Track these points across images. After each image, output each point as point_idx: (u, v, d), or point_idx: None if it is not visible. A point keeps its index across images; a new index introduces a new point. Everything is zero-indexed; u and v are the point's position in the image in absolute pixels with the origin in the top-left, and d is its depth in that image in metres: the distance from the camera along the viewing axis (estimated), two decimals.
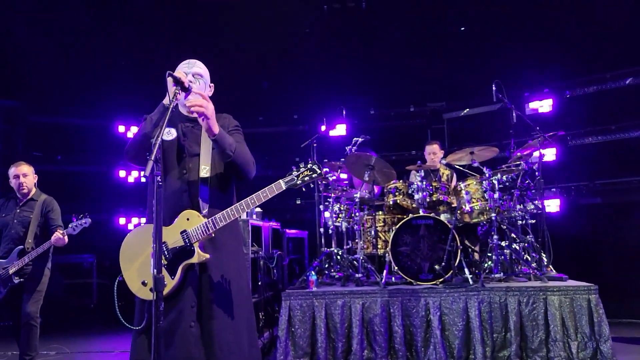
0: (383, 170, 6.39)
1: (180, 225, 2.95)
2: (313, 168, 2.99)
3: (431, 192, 6.20)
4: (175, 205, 2.97)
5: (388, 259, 5.91)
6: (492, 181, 5.86)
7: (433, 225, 5.80)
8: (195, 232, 2.92)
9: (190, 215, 2.96)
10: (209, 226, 2.92)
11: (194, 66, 3.15)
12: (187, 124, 3.15)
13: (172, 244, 2.93)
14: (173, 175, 3.03)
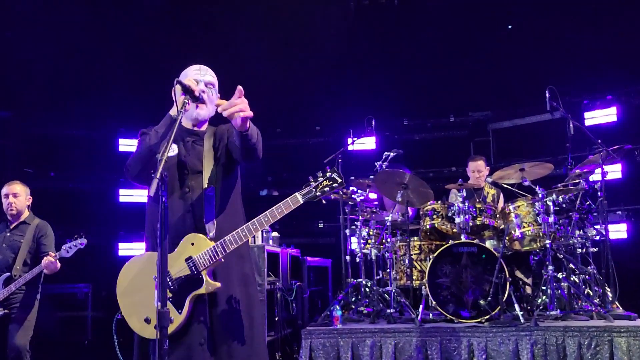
0: (418, 190, 6.35)
1: (185, 252, 2.94)
2: (333, 177, 2.95)
3: (475, 214, 6.14)
4: (177, 228, 2.98)
5: (425, 292, 5.85)
6: (547, 202, 5.79)
7: (477, 253, 5.73)
8: (203, 259, 2.92)
9: (196, 240, 2.95)
10: (217, 250, 2.92)
11: (206, 74, 3.18)
12: (189, 138, 3.19)
13: (176, 273, 2.91)
14: (174, 195, 3.05)
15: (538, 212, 5.84)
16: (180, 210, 3.02)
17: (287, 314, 6.68)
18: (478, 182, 6.99)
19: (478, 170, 7.08)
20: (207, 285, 2.91)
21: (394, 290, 6.12)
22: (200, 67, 3.20)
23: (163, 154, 2.54)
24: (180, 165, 3.11)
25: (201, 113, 3.15)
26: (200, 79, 3.12)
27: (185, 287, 2.91)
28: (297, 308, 6.91)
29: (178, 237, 2.96)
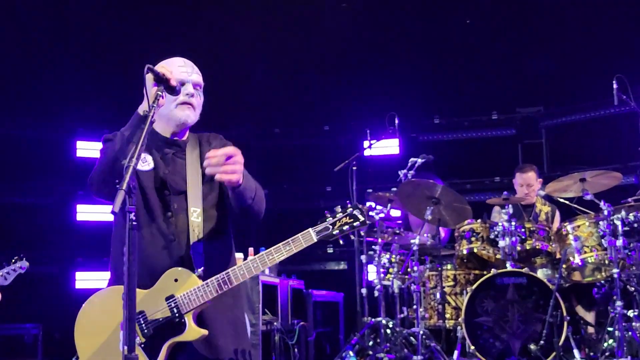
0: (453, 205, 6.36)
1: (166, 289, 2.96)
2: (354, 214, 3.02)
3: (524, 237, 6.14)
4: (157, 260, 3.01)
5: (461, 334, 5.84)
6: (614, 221, 5.77)
7: (527, 285, 5.73)
8: (188, 299, 2.93)
9: (180, 276, 2.97)
10: (207, 291, 2.93)
11: (193, 72, 3.19)
12: (168, 150, 3.21)
13: (153, 314, 2.93)
14: (152, 219, 3.07)
15: (603, 234, 5.83)
16: (160, 238, 3.05)
17: None
18: (525, 198, 6.99)
19: (528, 185, 7.06)
20: (190, 331, 2.93)
21: (422, 332, 6.10)
22: (185, 63, 3.20)
23: (130, 159, 2.55)
24: (159, 183, 3.13)
25: (191, 118, 3.16)
26: (187, 79, 3.14)
27: (163, 332, 2.92)
28: (300, 354, 6.91)
29: (157, 270, 2.99)
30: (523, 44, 9.55)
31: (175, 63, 3.17)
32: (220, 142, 3.31)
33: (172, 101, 3.08)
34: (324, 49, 9.89)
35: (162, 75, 2.87)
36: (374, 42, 10.08)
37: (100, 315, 3.01)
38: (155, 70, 2.85)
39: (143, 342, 2.90)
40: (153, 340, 2.91)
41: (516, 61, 9.59)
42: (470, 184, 9.87)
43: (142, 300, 2.90)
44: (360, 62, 10.10)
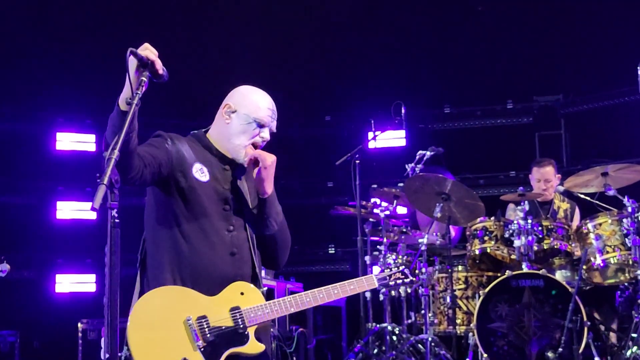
0: (464, 202, 6.37)
1: (231, 300, 3.24)
2: (405, 272, 3.58)
3: (541, 236, 6.15)
4: (224, 272, 3.28)
5: (473, 341, 5.86)
6: (639, 219, 5.80)
7: (544, 288, 5.74)
8: (255, 313, 3.23)
9: (247, 290, 3.28)
10: (274, 309, 3.26)
11: (274, 119, 3.46)
12: (226, 167, 3.45)
13: (216, 321, 3.18)
14: (214, 230, 3.32)
15: (627, 233, 5.85)
16: (223, 249, 3.31)
17: None
18: (545, 194, 6.99)
19: (546, 180, 7.05)
20: (252, 345, 3.21)
21: (431, 339, 6.13)
22: (273, 105, 3.45)
23: (112, 151, 2.57)
24: (219, 196, 3.37)
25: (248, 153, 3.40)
26: (268, 125, 3.42)
27: (225, 340, 3.18)
28: None
29: (222, 281, 3.27)
30: (540, 27, 9.56)
31: (266, 102, 3.43)
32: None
33: (246, 135, 3.37)
34: (325, 33, 9.89)
35: (146, 59, 2.88)
36: (380, 25, 10.08)
37: (161, 310, 3.18)
38: (138, 54, 2.86)
39: (204, 345, 3.12)
40: (213, 347, 3.13)
41: (533, 46, 9.60)
42: (484, 179, 9.89)
43: (205, 306, 3.18)
44: (365, 47, 10.10)
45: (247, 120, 3.35)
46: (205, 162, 3.37)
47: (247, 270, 3.35)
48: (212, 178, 3.35)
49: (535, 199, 6.86)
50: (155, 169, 3.14)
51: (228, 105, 3.41)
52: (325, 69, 10.24)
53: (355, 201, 6.86)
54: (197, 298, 3.16)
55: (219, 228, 3.31)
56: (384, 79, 9.84)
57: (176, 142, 3.31)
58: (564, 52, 9.39)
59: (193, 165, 3.29)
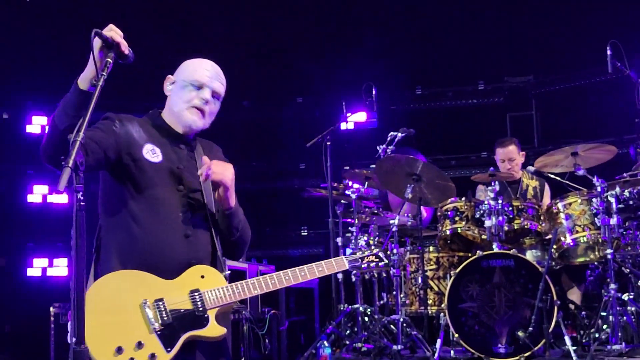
0: (435, 183, 6.37)
1: (190, 283, 3.17)
2: (379, 255, 3.53)
3: (511, 216, 6.17)
4: (177, 254, 3.19)
5: (444, 321, 5.87)
6: (608, 198, 5.82)
7: (515, 268, 5.76)
8: (215, 296, 3.16)
9: (207, 273, 3.21)
10: (236, 292, 3.19)
11: (217, 79, 3.38)
12: (182, 146, 3.38)
13: (173, 304, 3.11)
14: (171, 213, 3.23)
15: (596, 212, 5.88)
16: (178, 233, 3.22)
17: (257, 354, 6.69)
18: (510, 174, 7.01)
19: (510, 159, 7.09)
20: (212, 328, 3.14)
21: (403, 320, 6.14)
22: (212, 67, 3.38)
23: (77, 134, 2.53)
24: (173, 177, 3.28)
25: (197, 124, 3.33)
26: (207, 84, 3.32)
27: (183, 323, 3.10)
28: (271, 345, 6.92)
29: (176, 264, 3.18)
30: (511, 8, 9.55)
31: (202, 65, 3.37)
32: (216, 151, 3.54)
33: (184, 101, 3.28)
34: (296, 14, 9.83)
35: (111, 40, 2.84)
36: (351, 6, 10.03)
37: (118, 293, 3.10)
38: (103, 35, 2.83)
39: (160, 328, 3.04)
40: (171, 329, 3.06)
41: (504, 27, 9.59)
42: (455, 160, 9.92)
43: (162, 289, 3.11)
44: (336, 28, 10.05)
45: (184, 85, 3.29)
46: (157, 142, 3.30)
47: (204, 253, 3.27)
48: (165, 158, 3.27)
49: (505, 179, 6.88)
50: (100, 155, 3.06)
51: (169, 78, 3.37)
52: (296, 50, 10.18)
53: (327, 183, 6.85)
54: (155, 281, 3.08)
55: (171, 210, 3.22)
56: (355, 60, 9.81)
57: (126, 123, 3.24)
58: (534, 33, 9.39)
59: (144, 147, 3.21)
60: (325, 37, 10.12)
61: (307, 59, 10.10)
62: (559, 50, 9.48)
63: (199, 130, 3.38)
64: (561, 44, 9.37)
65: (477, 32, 9.69)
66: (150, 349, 2.96)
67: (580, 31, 9.01)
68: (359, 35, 9.98)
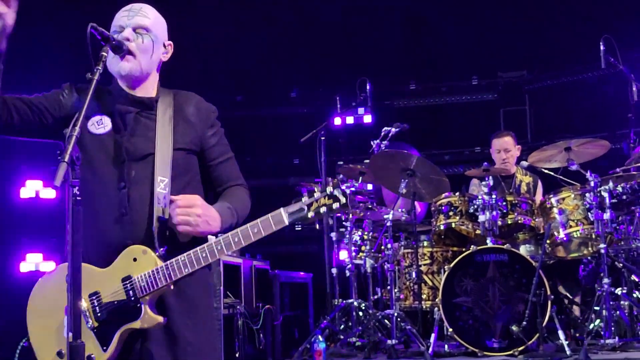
0: (429, 178, 6.37)
1: (123, 269, 2.87)
2: (334, 195, 2.87)
3: (505, 210, 6.17)
4: (112, 237, 2.92)
5: (438, 315, 5.88)
6: (601, 193, 5.82)
7: (508, 262, 5.76)
8: (146, 282, 2.83)
9: (139, 254, 2.87)
10: (166, 273, 2.83)
11: (137, 14, 3.04)
12: (133, 109, 3.06)
13: (107, 296, 2.86)
14: (105, 190, 2.96)
15: (590, 207, 5.88)
16: (115, 211, 2.92)
17: (252, 349, 6.69)
18: (506, 165, 7.02)
19: (505, 149, 7.08)
20: (145, 318, 2.84)
21: (397, 315, 6.14)
22: (131, 7, 3.06)
23: (73, 128, 2.49)
24: (115, 147, 2.99)
25: (125, 67, 2.98)
26: (125, 24, 3.00)
27: (117, 317, 2.85)
28: (265, 340, 6.93)
29: (112, 248, 2.91)
30: (505, 3, 9.55)
31: (121, 10, 3.05)
32: (196, 106, 3.20)
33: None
34: (290, 9, 9.81)
35: (105, 33, 2.82)
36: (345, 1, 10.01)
37: (54, 294, 2.91)
38: (98, 29, 2.80)
39: (95, 326, 2.84)
40: (107, 325, 2.84)
41: (498, 22, 9.59)
42: (449, 155, 9.92)
43: (98, 280, 2.86)
44: (330, 23, 10.03)
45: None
46: (108, 111, 3.02)
47: (143, 231, 2.89)
48: (113, 128, 3.00)
49: (499, 174, 6.89)
50: (31, 117, 2.93)
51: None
52: (290, 45, 10.16)
53: (321, 178, 6.84)
54: (90, 273, 2.79)
55: (108, 187, 2.92)
56: (349, 55, 9.80)
57: (78, 93, 3.02)
58: (528, 28, 9.39)
59: (90, 119, 2.96)
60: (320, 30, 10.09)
61: (300, 54, 10.09)
62: (552, 45, 9.48)
63: (140, 75, 3.03)
64: (555, 39, 9.36)
65: (471, 27, 9.69)
66: (88, 350, 2.61)
67: (573, 26, 9.01)
68: (353, 28, 9.97)
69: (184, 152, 3.03)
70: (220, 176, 3.17)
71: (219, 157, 3.15)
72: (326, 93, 9.84)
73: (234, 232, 2.87)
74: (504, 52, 9.95)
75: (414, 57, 10.14)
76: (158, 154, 2.96)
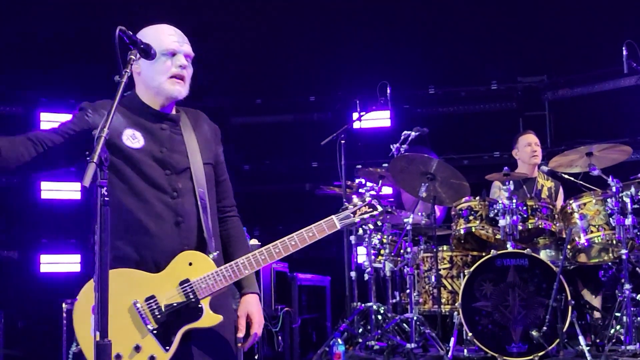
0: (449, 182, 6.37)
1: (179, 273, 3.05)
2: (372, 204, 3.27)
3: (525, 215, 6.16)
4: (164, 243, 3.08)
5: (458, 320, 5.87)
6: (623, 199, 5.81)
7: (529, 267, 5.76)
8: (206, 284, 3.03)
9: (195, 259, 3.07)
10: (226, 275, 3.05)
11: (185, 41, 3.20)
12: (163, 125, 3.21)
13: (166, 299, 3.01)
14: (155, 200, 3.11)
15: (611, 212, 5.86)
16: (166, 220, 3.09)
17: (271, 351, 6.69)
18: (534, 160, 7.02)
19: (535, 143, 7.11)
20: (207, 318, 3.03)
21: (416, 318, 6.14)
22: (175, 32, 3.20)
23: (102, 130, 2.55)
24: (157, 161, 3.14)
25: (182, 93, 3.18)
26: (178, 50, 3.15)
27: (178, 318, 3.01)
28: (284, 342, 6.93)
29: (165, 254, 3.06)
30: (525, 6, 9.52)
31: (164, 31, 3.18)
32: (208, 124, 3.38)
33: (161, 73, 3.10)
34: (309, 11, 9.82)
35: (135, 37, 2.85)
36: (365, 5, 10.02)
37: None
38: (127, 32, 2.83)
39: (155, 327, 2.97)
40: (166, 327, 2.99)
41: (518, 26, 9.56)
42: (468, 159, 9.89)
43: (151, 285, 3.01)
44: (350, 26, 10.04)
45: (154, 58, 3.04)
46: (138, 125, 3.15)
47: (194, 238, 3.11)
48: (147, 142, 3.13)
49: (520, 178, 6.87)
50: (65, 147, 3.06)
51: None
52: (310, 48, 10.17)
53: (341, 181, 6.84)
54: (143, 278, 2.99)
55: (161, 196, 3.10)
56: (369, 59, 9.80)
57: (101, 110, 3.09)
58: (548, 32, 9.36)
59: (123, 133, 3.08)
60: (340, 34, 10.10)
61: (320, 58, 10.11)
62: (573, 50, 9.44)
63: (181, 99, 3.23)
64: (575, 43, 9.32)
65: (490, 30, 9.66)
66: (149, 351, 2.90)
67: (595, 31, 8.97)
68: (373, 32, 9.97)
69: (209, 166, 3.26)
70: (222, 193, 3.37)
71: (222, 175, 3.38)
72: (345, 96, 9.85)
73: (290, 236, 3.14)
74: (524, 56, 9.92)
75: (432, 61, 10.12)
76: (193, 168, 3.17)
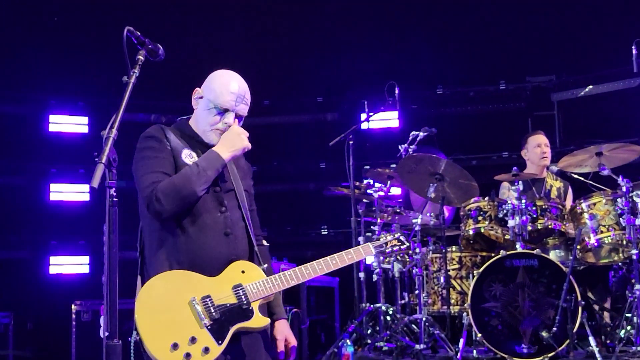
0: (458, 182, 6.35)
1: (232, 278, 3.39)
2: (400, 238, 3.77)
3: (535, 215, 6.14)
4: (219, 251, 3.40)
5: (467, 321, 5.86)
6: (633, 198, 5.79)
7: (538, 268, 5.73)
8: (257, 289, 3.37)
9: (247, 268, 3.42)
10: (275, 284, 3.38)
11: (242, 101, 3.46)
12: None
13: (219, 299, 3.33)
14: (208, 212, 3.42)
15: (621, 212, 5.84)
16: (218, 231, 3.42)
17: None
18: (544, 162, 6.99)
19: (545, 144, 7.07)
20: (256, 319, 3.36)
21: (425, 319, 6.12)
22: (239, 88, 3.44)
23: (110, 130, 2.60)
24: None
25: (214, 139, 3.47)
26: (232, 109, 3.42)
27: (230, 317, 3.34)
28: None
29: (218, 261, 3.39)
30: (534, 6, 9.50)
31: (228, 86, 3.43)
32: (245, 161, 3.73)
33: (208, 123, 3.41)
34: (317, 12, 9.82)
35: (142, 37, 2.87)
36: (373, 5, 10.01)
37: (168, 293, 3.32)
38: (135, 32, 2.85)
39: (210, 323, 3.27)
40: (220, 323, 3.29)
41: (526, 25, 9.54)
42: (477, 160, 9.88)
43: (207, 286, 3.33)
44: (358, 27, 10.03)
45: (208, 106, 3.40)
46: (191, 148, 3.45)
47: (242, 249, 3.45)
48: None
49: (529, 178, 6.86)
50: None
51: (197, 91, 3.47)
52: (318, 48, 10.18)
53: (349, 182, 6.84)
54: (200, 279, 3.29)
55: (211, 210, 3.40)
56: (377, 59, 9.80)
57: (168, 134, 3.40)
58: (557, 31, 9.34)
59: (182, 152, 3.38)
60: (348, 34, 10.10)
61: (328, 58, 10.11)
62: (582, 49, 9.42)
63: None
64: (584, 43, 9.30)
65: (498, 30, 9.64)
66: (203, 343, 3.18)
67: (604, 30, 8.95)
68: (381, 32, 9.97)
69: (247, 193, 3.62)
70: (253, 221, 3.65)
71: (252, 205, 3.70)
72: (353, 97, 9.84)
73: (332, 256, 3.51)
74: (533, 55, 9.90)
75: (440, 61, 10.10)
76: (237, 190, 3.54)
